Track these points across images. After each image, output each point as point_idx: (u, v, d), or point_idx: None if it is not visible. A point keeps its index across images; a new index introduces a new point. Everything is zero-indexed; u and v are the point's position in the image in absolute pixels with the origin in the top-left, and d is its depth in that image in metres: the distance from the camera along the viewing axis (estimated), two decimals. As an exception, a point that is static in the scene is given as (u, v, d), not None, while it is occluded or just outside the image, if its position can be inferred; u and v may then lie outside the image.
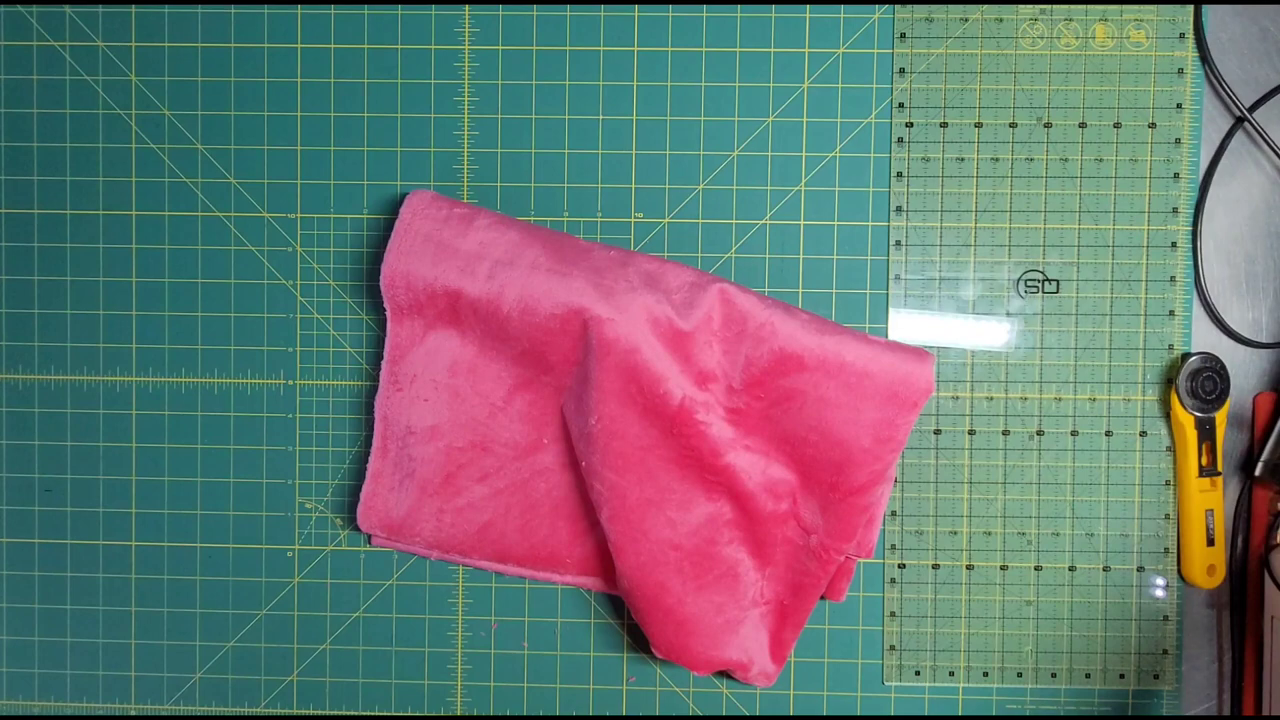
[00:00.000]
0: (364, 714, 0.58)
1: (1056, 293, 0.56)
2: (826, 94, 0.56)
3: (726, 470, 0.53)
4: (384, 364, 0.55)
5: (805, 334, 0.51)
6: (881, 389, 0.51)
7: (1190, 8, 0.55)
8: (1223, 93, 0.55)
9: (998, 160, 0.56)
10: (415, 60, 0.57)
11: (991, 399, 0.56)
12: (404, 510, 0.55)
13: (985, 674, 0.56)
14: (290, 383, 0.57)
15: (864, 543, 0.54)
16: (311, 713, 0.58)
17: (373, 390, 0.56)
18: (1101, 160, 0.56)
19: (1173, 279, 0.56)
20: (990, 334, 0.56)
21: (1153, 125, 0.56)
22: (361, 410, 0.57)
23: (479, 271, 0.52)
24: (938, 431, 0.56)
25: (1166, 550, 0.56)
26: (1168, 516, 0.56)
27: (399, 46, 0.57)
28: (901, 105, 0.56)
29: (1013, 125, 0.56)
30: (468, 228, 0.53)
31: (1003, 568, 0.56)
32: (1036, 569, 0.56)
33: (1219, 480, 0.55)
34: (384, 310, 0.54)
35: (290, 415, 0.57)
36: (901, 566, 0.56)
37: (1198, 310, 0.56)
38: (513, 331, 0.52)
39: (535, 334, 0.52)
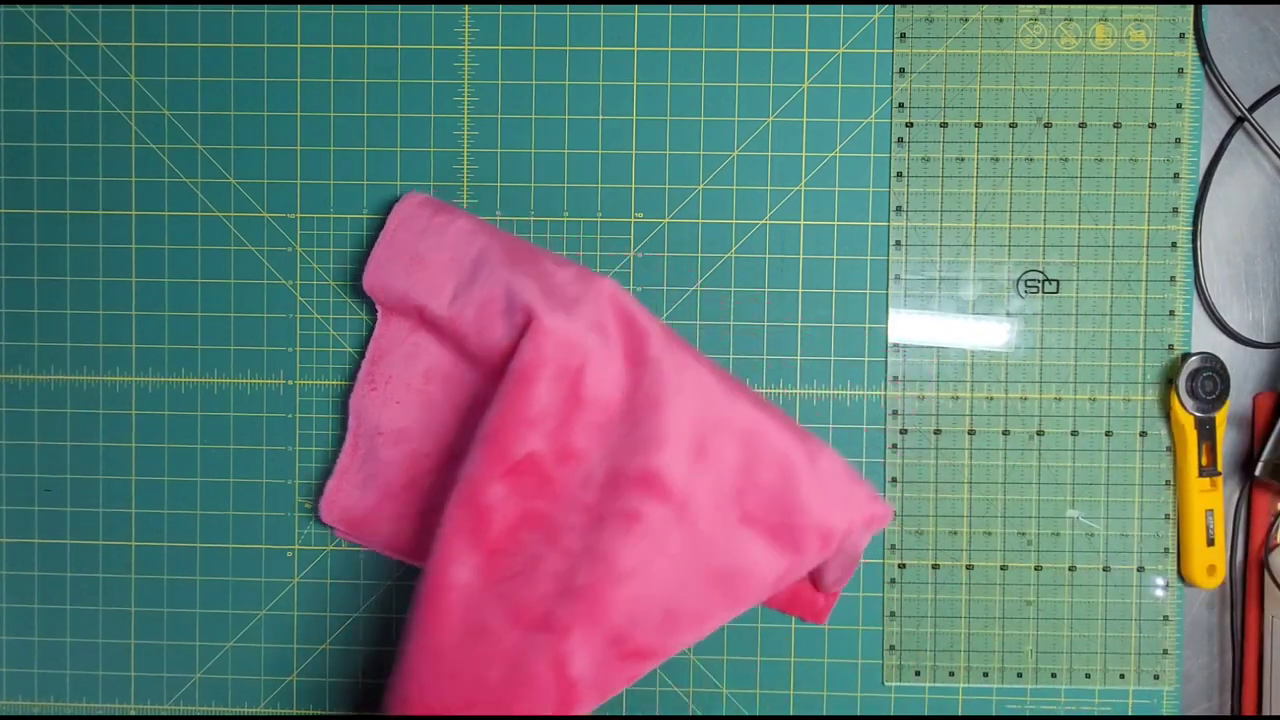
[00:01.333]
0: (364, 714, 0.58)
1: (1056, 293, 0.56)
2: (826, 94, 0.56)
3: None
4: (364, 361, 0.55)
5: (686, 470, 0.48)
6: (714, 570, 0.49)
7: (1190, 8, 0.55)
8: (1223, 93, 0.55)
9: (998, 160, 0.56)
10: (415, 60, 0.57)
11: (991, 399, 0.56)
12: (364, 509, 0.55)
13: (985, 674, 0.56)
14: (290, 383, 0.57)
15: (842, 580, 0.54)
16: (311, 713, 0.58)
17: (373, 390, 0.57)
18: (1101, 160, 0.56)
19: (1173, 279, 0.56)
20: (990, 334, 0.56)
21: (1153, 125, 0.56)
22: (361, 410, 0.57)
23: (445, 290, 0.52)
24: (938, 431, 0.56)
25: (1166, 550, 0.56)
26: (1168, 516, 0.56)
27: (399, 46, 0.57)
28: (901, 105, 0.56)
29: (1013, 125, 0.56)
30: (441, 239, 0.53)
31: (1003, 568, 0.56)
32: (1036, 569, 0.56)
33: (1219, 480, 0.55)
34: (384, 310, 0.54)
35: (290, 415, 0.57)
36: (901, 566, 0.56)
37: (1198, 310, 0.56)
38: (471, 349, 0.52)
39: (492, 354, 0.52)
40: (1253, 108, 0.55)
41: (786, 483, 0.49)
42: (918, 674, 0.56)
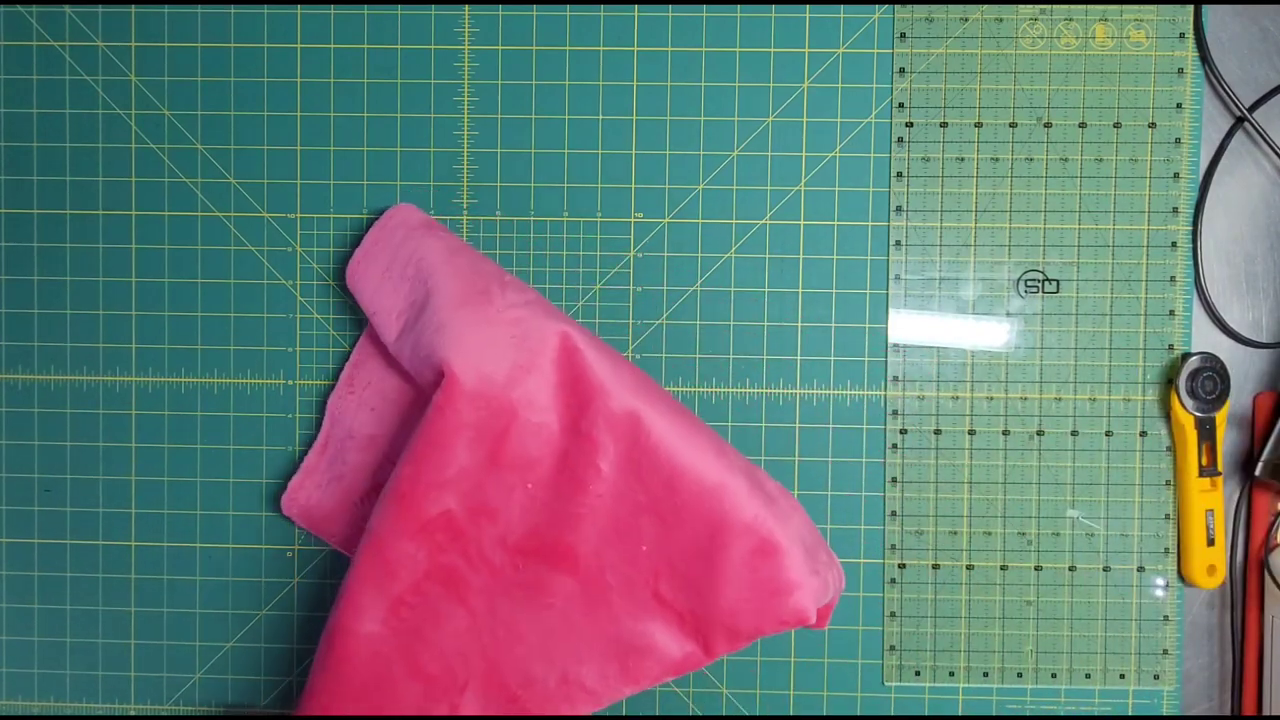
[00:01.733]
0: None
1: (1056, 293, 0.56)
2: (826, 94, 0.56)
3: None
4: (347, 364, 0.55)
5: (603, 546, 0.49)
6: (615, 646, 0.49)
7: (1190, 8, 0.55)
8: (1223, 93, 0.55)
9: (998, 160, 0.56)
10: (415, 60, 0.57)
11: (991, 399, 0.56)
12: (326, 509, 0.55)
13: (985, 674, 0.56)
14: (290, 383, 0.57)
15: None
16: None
17: (373, 390, 0.57)
18: (1101, 160, 0.56)
19: (1173, 279, 0.56)
20: (990, 334, 0.56)
21: (1153, 125, 0.56)
22: (361, 410, 0.57)
23: (393, 326, 0.52)
24: (938, 431, 0.56)
25: (1166, 550, 0.56)
26: (1168, 516, 0.56)
27: (399, 46, 0.57)
28: (901, 105, 0.56)
29: (1013, 125, 0.56)
30: (404, 268, 0.52)
31: (1003, 568, 0.56)
32: (1036, 569, 0.56)
33: (1219, 480, 0.55)
34: (384, 310, 0.54)
35: (290, 415, 0.57)
36: (901, 566, 0.56)
37: (1198, 310, 0.56)
38: (418, 384, 0.52)
39: (428, 397, 0.51)
40: (1253, 108, 0.55)
41: (707, 572, 0.48)
42: (918, 674, 0.56)
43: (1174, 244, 0.56)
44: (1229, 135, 0.56)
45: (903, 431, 0.56)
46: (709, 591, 0.48)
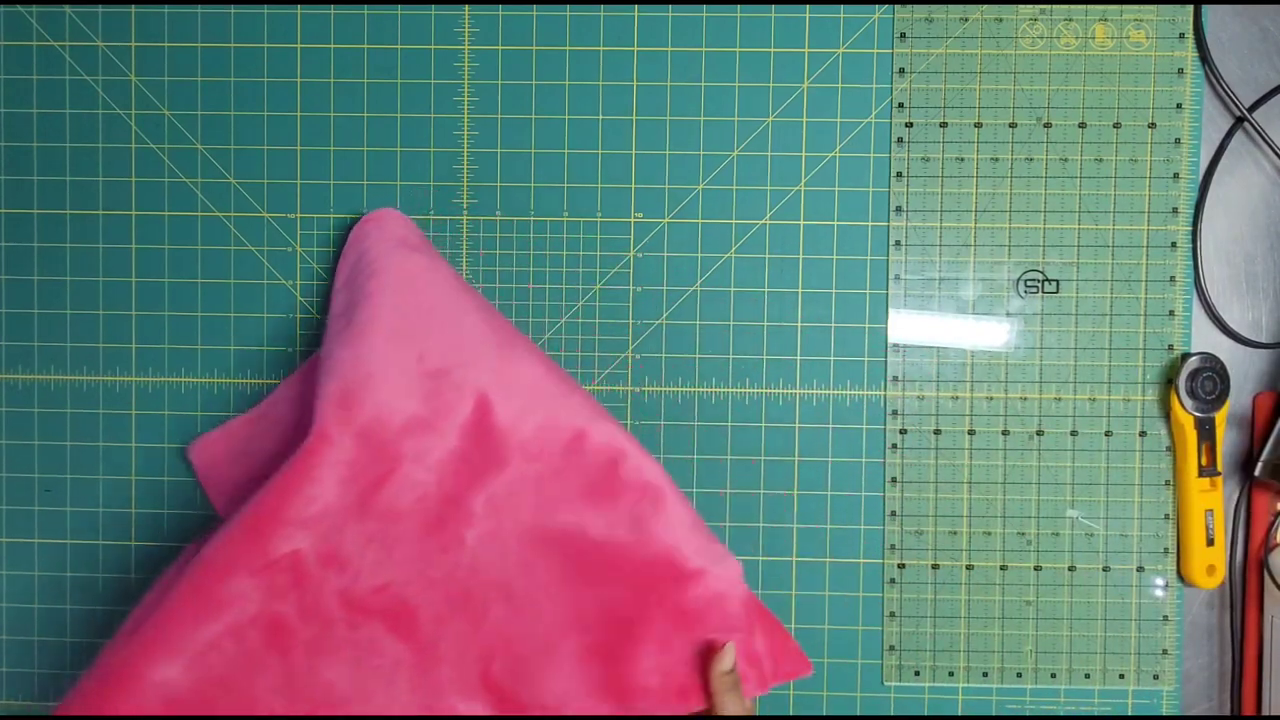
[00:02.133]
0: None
1: (1056, 293, 0.56)
2: (826, 94, 0.56)
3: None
4: (313, 355, 0.55)
5: (444, 617, 0.47)
6: (422, 709, 0.47)
7: (1190, 8, 0.55)
8: (1223, 93, 0.55)
9: (998, 160, 0.56)
10: (415, 60, 0.57)
11: (991, 399, 0.56)
12: (223, 477, 0.54)
13: (985, 674, 0.56)
14: (290, 383, 0.57)
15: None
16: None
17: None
18: (1101, 160, 0.56)
19: (1173, 279, 0.56)
20: (990, 334, 0.56)
21: (1153, 125, 0.56)
22: (361, 410, 0.57)
23: (339, 328, 0.51)
24: (938, 431, 0.56)
25: (1166, 550, 0.56)
26: (1167, 516, 0.56)
27: (399, 46, 0.57)
28: (901, 105, 0.56)
29: (1013, 125, 0.56)
30: (355, 278, 0.52)
31: (1002, 568, 0.56)
32: (1036, 569, 0.56)
33: (1219, 480, 0.55)
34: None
35: (290, 415, 0.57)
36: (901, 566, 0.56)
37: (1197, 310, 0.56)
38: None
39: None
40: (1253, 108, 0.55)
41: (544, 661, 0.48)
42: (917, 674, 0.56)
43: (1174, 244, 0.56)
44: (1229, 135, 0.56)
45: (902, 431, 0.56)
46: (540, 679, 0.48)
